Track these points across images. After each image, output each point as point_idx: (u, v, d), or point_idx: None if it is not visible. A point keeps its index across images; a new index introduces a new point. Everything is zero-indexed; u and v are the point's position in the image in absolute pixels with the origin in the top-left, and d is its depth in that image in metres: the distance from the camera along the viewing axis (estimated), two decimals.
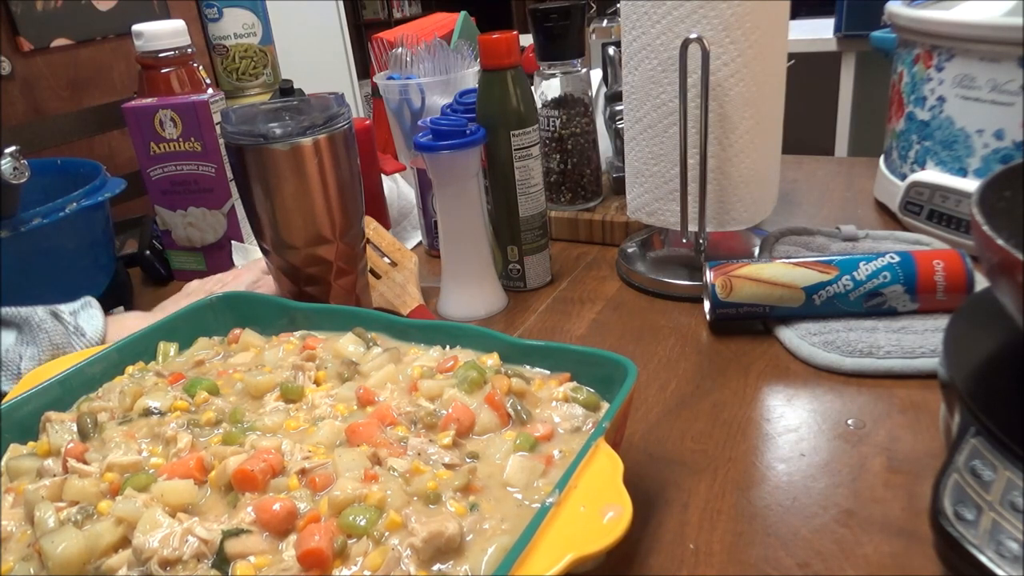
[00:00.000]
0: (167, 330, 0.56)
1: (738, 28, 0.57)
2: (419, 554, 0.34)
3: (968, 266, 0.56)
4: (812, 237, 0.72)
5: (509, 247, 0.69)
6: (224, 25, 1.04)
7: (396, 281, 0.70)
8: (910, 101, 0.72)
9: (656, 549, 0.40)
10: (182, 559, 0.35)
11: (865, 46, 1.89)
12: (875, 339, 0.54)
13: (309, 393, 0.47)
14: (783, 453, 0.46)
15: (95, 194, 0.70)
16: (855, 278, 0.56)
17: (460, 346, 0.50)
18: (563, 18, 0.73)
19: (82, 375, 0.51)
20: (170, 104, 0.76)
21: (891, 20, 0.73)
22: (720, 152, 0.61)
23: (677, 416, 0.51)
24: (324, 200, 0.58)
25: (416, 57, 0.91)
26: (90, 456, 0.43)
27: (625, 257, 0.72)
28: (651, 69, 0.62)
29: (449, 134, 0.62)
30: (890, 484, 0.43)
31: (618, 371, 0.43)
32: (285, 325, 0.56)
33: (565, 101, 0.77)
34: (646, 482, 0.45)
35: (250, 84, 1.07)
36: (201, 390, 0.48)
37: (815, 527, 0.41)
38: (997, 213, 0.36)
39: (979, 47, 0.63)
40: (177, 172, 0.78)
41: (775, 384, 0.53)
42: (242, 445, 0.42)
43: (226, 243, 0.80)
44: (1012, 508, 0.32)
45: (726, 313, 0.59)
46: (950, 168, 0.68)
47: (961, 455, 0.35)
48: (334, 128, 0.57)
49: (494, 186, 0.67)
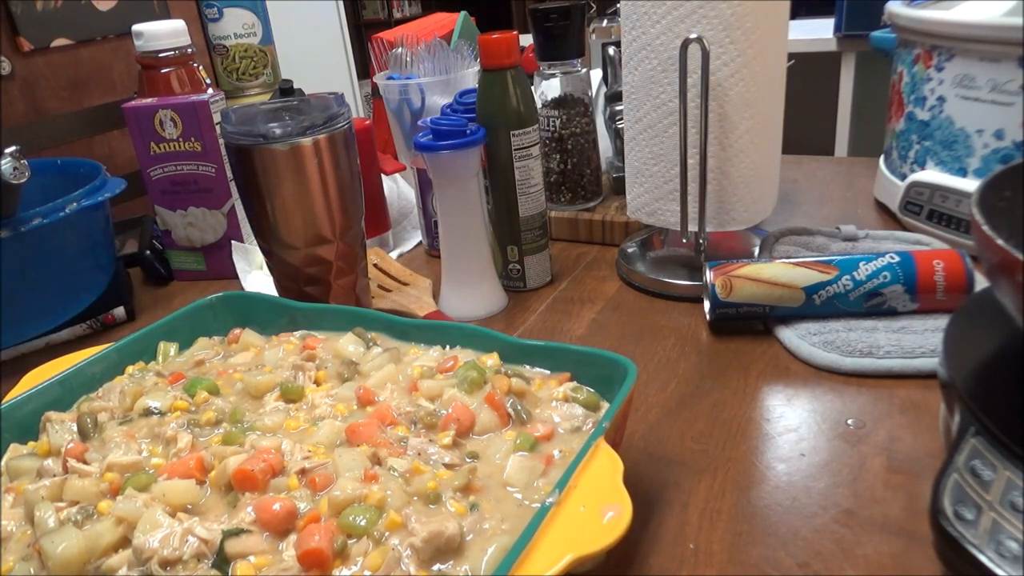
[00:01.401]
0: (167, 330, 0.56)
1: (738, 28, 0.57)
2: (419, 554, 0.34)
3: (968, 266, 0.56)
4: (812, 237, 0.72)
5: (509, 247, 0.69)
6: (224, 25, 1.03)
7: (410, 293, 0.70)
8: (910, 101, 0.72)
9: (656, 549, 0.40)
10: (182, 559, 0.35)
11: (865, 46, 1.89)
12: (875, 339, 0.54)
13: (309, 393, 0.47)
14: (783, 453, 0.46)
15: (95, 194, 0.70)
16: (855, 278, 0.56)
17: (460, 346, 0.50)
18: (563, 18, 0.73)
19: (82, 375, 0.51)
20: (170, 104, 0.76)
21: (891, 20, 0.73)
22: (720, 152, 0.61)
23: (677, 416, 0.51)
24: (324, 200, 0.58)
25: (416, 57, 0.91)
26: (90, 456, 0.43)
27: (625, 257, 0.72)
28: (651, 69, 0.62)
29: (449, 134, 0.62)
30: (890, 484, 0.43)
31: (618, 371, 0.43)
32: (285, 325, 0.56)
33: (565, 101, 0.77)
34: (646, 482, 0.45)
35: (250, 84, 1.07)
36: (201, 390, 0.48)
37: (815, 527, 0.41)
38: (997, 213, 0.36)
39: (979, 47, 0.63)
40: (177, 172, 0.78)
41: (775, 384, 0.53)
42: (242, 445, 0.42)
43: (226, 243, 0.80)
44: (1012, 508, 0.32)
45: (726, 313, 0.59)
46: (950, 168, 0.68)
47: (961, 455, 0.35)
48: (334, 128, 0.57)
49: (494, 186, 0.67)
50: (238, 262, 0.79)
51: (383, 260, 0.76)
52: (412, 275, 0.73)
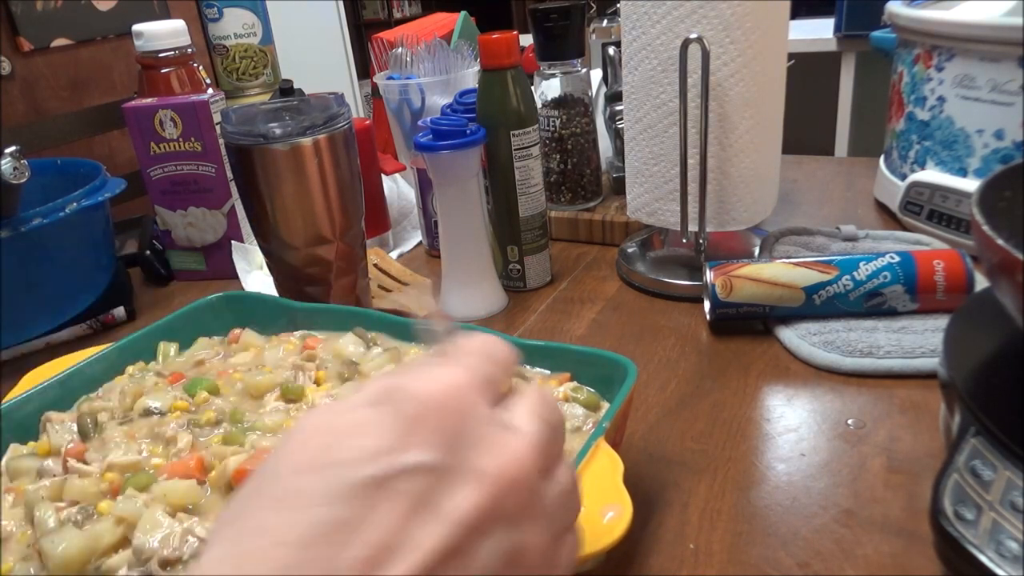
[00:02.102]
0: (167, 330, 0.56)
1: (738, 28, 0.57)
2: None
3: (968, 266, 0.56)
4: (812, 237, 0.72)
5: (509, 247, 0.69)
6: (224, 25, 1.03)
7: (410, 293, 0.70)
8: (910, 101, 0.72)
9: (656, 549, 0.40)
10: (182, 559, 0.35)
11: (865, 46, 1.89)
12: (875, 339, 0.54)
13: (309, 393, 0.47)
14: (783, 453, 0.46)
15: (95, 194, 0.70)
16: (855, 278, 0.56)
17: None
18: (563, 18, 0.73)
19: (82, 375, 0.51)
20: (170, 104, 0.76)
21: (891, 20, 0.73)
22: (720, 152, 0.61)
23: (677, 416, 0.51)
24: (324, 200, 0.58)
25: (416, 57, 0.91)
26: (90, 456, 0.43)
27: (625, 257, 0.72)
28: (651, 69, 0.62)
29: (449, 134, 0.62)
30: (890, 484, 0.43)
31: (618, 371, 0.43)
32: (285, 325, 0.56)
33: (565, 101, 0.77)
34: (646, 482, 0.45)
35: (250, 84, 1.07)
36: (201, 390, 0.48)
37: (815, 527, 0.41)
38: (997, 213, 0.36)
39: (979, 47, 0.63)
40: (177, 172, 0.78)
41: (775, 384, 0.53)
42: (242, 445, 0.42)
43: (226, 243, 0.80)
44: (1012, 508, 0.32)
45: (726, 313, 0.59)
46: (950, 168, 0.68)
47: (961, 455, 0.35)
48: (334, 128, 0.57)
49: (494, 186, 0.67)
50: (238, 262, 0.79)
51: (383, 260, 0.76)
52: (412, 275, 0.73)
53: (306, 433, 0.24)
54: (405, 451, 0.23)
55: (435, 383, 0.25)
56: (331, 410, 0.25)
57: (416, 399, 0.24)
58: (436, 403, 0.25)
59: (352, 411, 0.25)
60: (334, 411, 0.25)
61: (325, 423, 0.25)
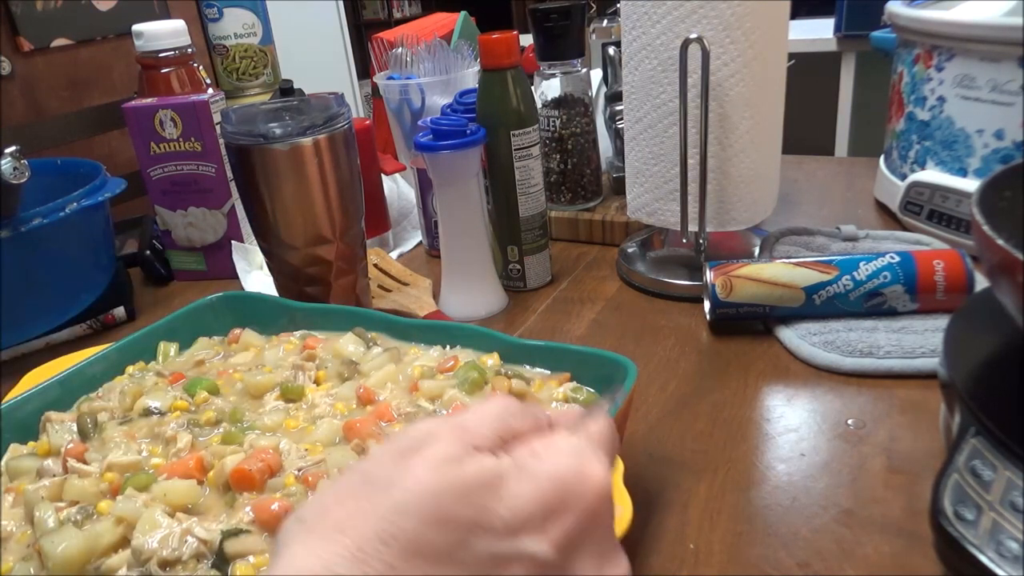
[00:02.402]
0: (167, 330, 0.56)
1: (738, 28, 0.57)
2: None
3: (968, 266, 0.56)
4: (812, 237, 0.72)
5: (509, 247, 0.69)
6: (224, 25, 1.03)
7: (410, 293, 0.70)
8: (910, 101, 0.72)
9: (656, 549, 0.40)
10: (182, 559, 0.35)
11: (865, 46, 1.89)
12: (875, 339, 0.54)
13: (309, 393, 0.47)
14: (783, 453, 0.46)
15: (95, 194, 0.70)
16: (855, 278, 0.56)
17: (460, 346, 0.50)
18: (563, 18, 0.73)
19: (82, 375, 0.51)
20: (170, 104, 0.76)
21: (891, 20, 0.73)
22: (720, 152, 0.61)
23: (677, 416, 0.51)
24: (324, 200, 0.58)
25: (416, 57, 0.91)
26: (90, 456, 0.43)
27: (625, 257, 0.72)
28: (651, 69, 0.62)
29: (449, 134, 0.62)
30: (890, 484, 0.43)
31: (618, 371, 0.43)
32: (285, 325, 0.56)
33: (565, 101, 0.77)
34: (646, 482, 0.45)
35: (250, 84, 1.07)
36: (201, 390, 0.48)
37: (815, 527, 0.41)
38: (997, 213, 0.36)
39: (979, 47, 0.63)
40: (177, 172, 0.78)
41: (775, 384, 0.53)
42: (241, 444, 0.42)
43: (226, 243, 0.80)
44: (1012, 508, 0.32)
45: (726, 313, 0.59)
46: (950, 168, 0.68)
47: (961, 455, 0.35)
48: (334, 128, 0.57)
49: (494, 186, 0.67)
50: (238, 262, 0.79)
51: (383, 260, 0.76)
52: (412, 275, 0.73)
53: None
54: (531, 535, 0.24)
55: (592, 481, 0.26)
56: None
57: (575, 493, 0.25)
58: (584, 504, 0.25)
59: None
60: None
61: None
